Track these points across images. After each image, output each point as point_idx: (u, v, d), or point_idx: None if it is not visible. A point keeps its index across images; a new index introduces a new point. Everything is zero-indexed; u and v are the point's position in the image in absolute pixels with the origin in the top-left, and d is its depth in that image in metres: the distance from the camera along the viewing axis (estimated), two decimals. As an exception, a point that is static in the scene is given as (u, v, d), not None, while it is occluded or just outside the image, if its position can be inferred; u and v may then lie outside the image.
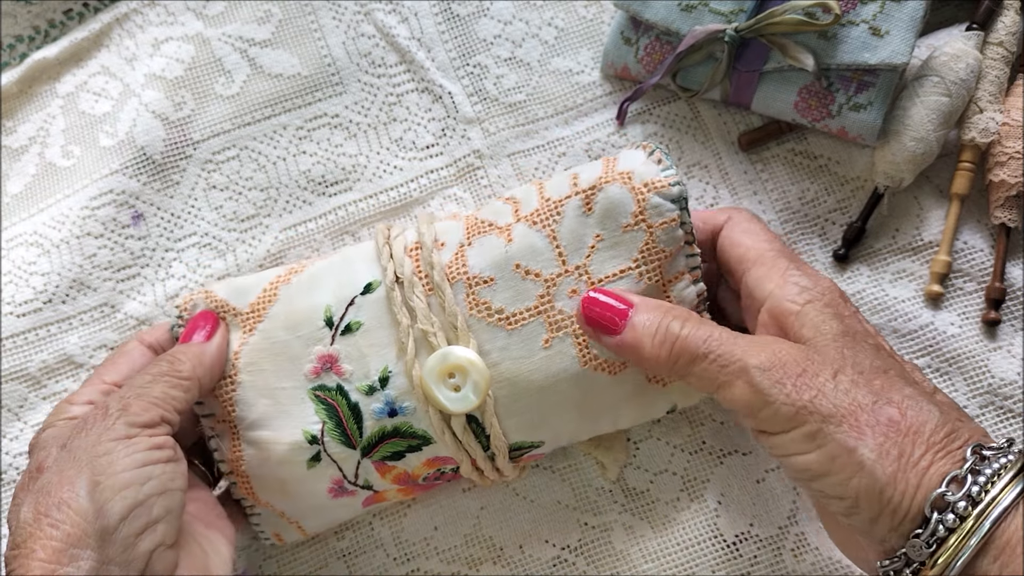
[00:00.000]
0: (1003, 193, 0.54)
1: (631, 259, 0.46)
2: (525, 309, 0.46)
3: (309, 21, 0.61)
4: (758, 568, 0.51)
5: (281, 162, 0.60)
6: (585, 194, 0.46)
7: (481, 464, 0.47)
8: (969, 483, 0.37)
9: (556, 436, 0.48)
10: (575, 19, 0.61)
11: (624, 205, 0.45)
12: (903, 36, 0.52)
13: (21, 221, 0.60)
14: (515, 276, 0.46)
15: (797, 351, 0.41)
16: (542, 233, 0.46)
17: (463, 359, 0.45)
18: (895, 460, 0.37)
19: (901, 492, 0.37)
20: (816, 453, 0.39)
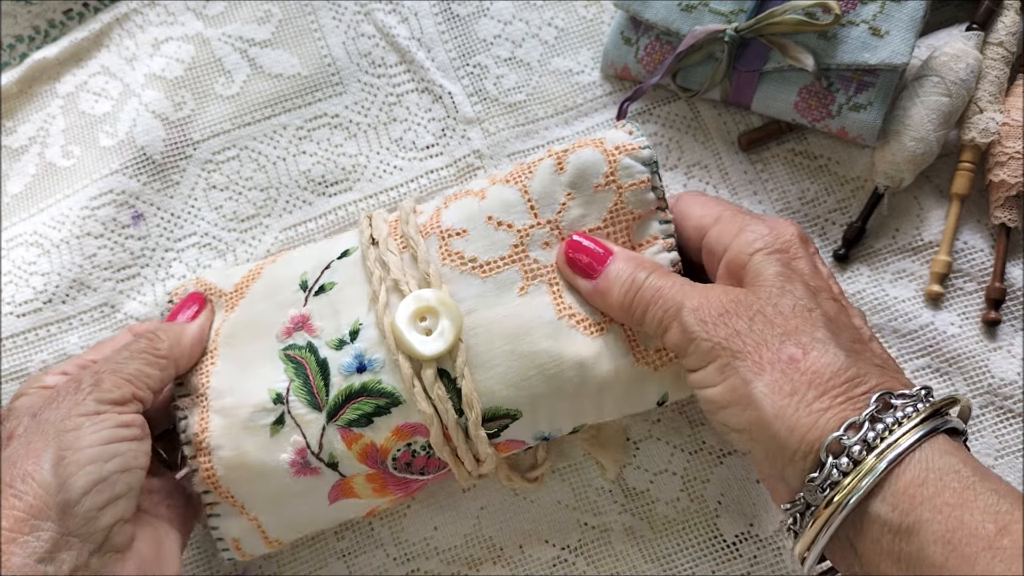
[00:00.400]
0: (1003, 193, 0.54)
1: (600, 219, 0.46)
2: (499, 258, 0.46)
3: (309, 21, 0.61)
4: (758, 568, 0.51)
5: (281, 162, 0.60)
6: (557, 156, 0.47)
7: (453, 434, 0.44)
8: (866, 429, 0.37)
9: (533, 407, 0.45)
10: (575, 19, 0.61)
11: (595, 166, 0.46)
12: (903, 36, 0.52)
13: (21, 221, 0.60)
14: (488, 227, 0.46)
15: (725, 294, 0.42)
16: (514, 188, 0.47)
17: (435, 299, 0.44)
18: (786, 396, 0.38)
19: (789, 428, 0.38)
20: (721, 385, 0.40)
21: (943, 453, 0.36)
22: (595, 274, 0.45)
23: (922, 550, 0.35)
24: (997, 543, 0.33)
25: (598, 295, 0.45)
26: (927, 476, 0.36)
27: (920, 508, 0.35)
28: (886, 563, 0.36)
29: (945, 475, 0.36)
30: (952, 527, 0.34)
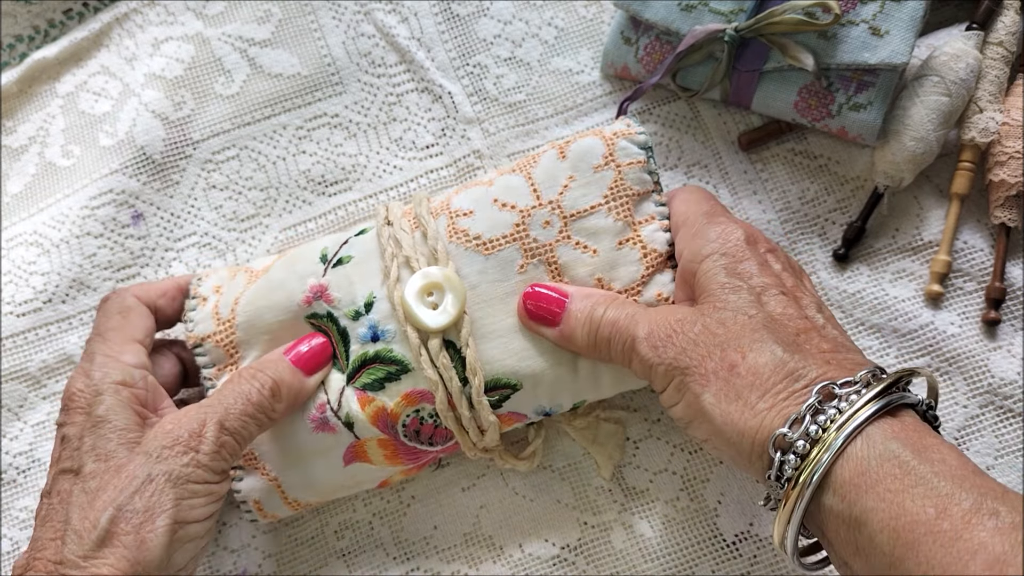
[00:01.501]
0: (1003, 193, 0.54)
1: (601, 195, 0.48)
2: (501, 236, 0.48)
3: (309, 21, 0.61)
4: (758, 568, 0.51)
5: (281, 162, 0.60)
6: (560, 146, 0.50)
7: (457, 401, 0.47)
8: (806, 423, 0.37)
9: (534, 380, 0.47)
10: (575, 19, 0.61)
11: (595, 149, 0.49)
12: (903, 36, 0.52)
13: (21, 221, 0.60)
14: (492, 208, 0.49)
15: (671, 313, 0.43)
16: (519, 175, 0.50)
17: (440, 275, 0.47)
18: (731, 402, 0.39)
19: (739, 433, 0.39)
20: (680, 404, 0.42)
21: (886, 438, 0.36)
22: (557, 319, 0.46)
23: (872, 540, 0.35)
24: (937, 527, 0.33)
25: (565, 340, 0.46)
26: (868, 464, 0.36)
27: (865, 497, 0.35)
28: (849, 555, 0.36)
29: (886, 461, 0.35)
30: (895, 514, 0.34)
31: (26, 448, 0.56)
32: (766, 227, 0.56)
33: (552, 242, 0.48)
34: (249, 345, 0.50)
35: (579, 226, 0.48)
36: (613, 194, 0.48)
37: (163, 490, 0.41)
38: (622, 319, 0.44)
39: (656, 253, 0.48)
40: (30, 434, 0.56)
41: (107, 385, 0.45)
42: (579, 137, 0.50)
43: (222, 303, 0.50)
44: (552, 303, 0.46)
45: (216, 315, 0.50)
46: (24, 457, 0.56)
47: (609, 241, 0.48)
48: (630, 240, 0.48)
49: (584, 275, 0.48)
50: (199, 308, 0.51)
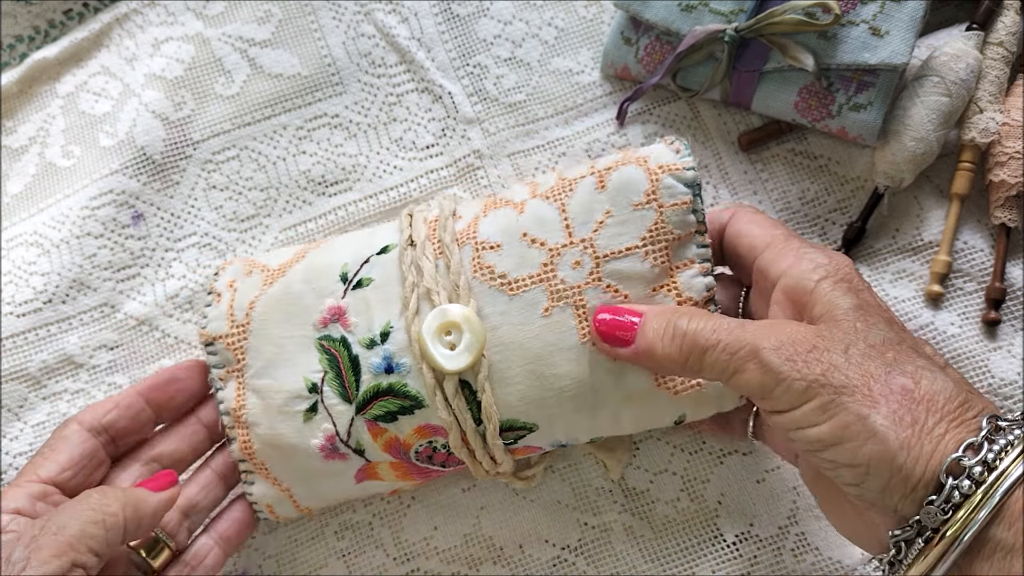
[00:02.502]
0: (1003, 193, 0.54)
1: (639, 237, 0.45)
2: (528, 276, 0.46)
3: (309, 21, 0.61)
4: (758, 568, 0.51)
5: (281, 162, 0.60)
6: (600, 174, 0.47)
7: (471, 439, 0.46)
8: (985, 450, 0.37)
9: (550, 422, 0.46)
10: (575, 19, 0.61)
11: (637, 183, 0.45)
12: (903, 36, 0.52)
13: (21, 221, 0.60)
14: (522, 244, 0.46)
15: (806, 329, 0.41)
16: (553, 206, 0.47)
17: (460, 316, 0.45)
18: (908, 426, 0.38)
19: (915, 458, 0.37)
20: (828, 424, 0.39)
21: None
22: (630, 338, 0.44)
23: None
24: None
25: (644, 355, 0.44)
26: None
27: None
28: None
29: None
30: None
31: (26, 448, 0.56)
32: (766, 227, 0.57)
33: (581, 284, 0.45)
34: (257, 353, 0.49)
35: (611, 268, 0.45)
36: (652, 237, 0.45)
37: None
38: (724, 327, 0.42)
39: (692, 301, 0.46)
40: (30, 434, 0.56)
41: None
42: (622, 164, 0.46)
43: (237, 303, 0.50)
44: (625, 322, 0.44)
45: (231, 316, 0.49)
46: (24, 457, 0.56)
47: (642, 287, 0.45)
48: (665, 287, 0.46)
49: None
50: (214, 304, 0.50)
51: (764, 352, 0.40)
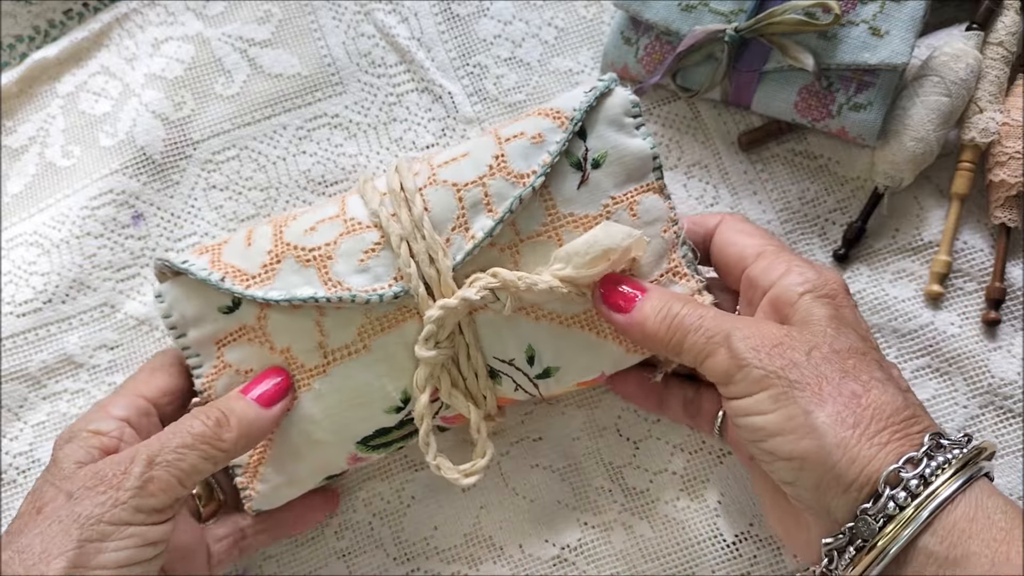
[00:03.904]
0: (1003, 193, 0.54)
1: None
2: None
3: (309, 21, 0.61)
4: (758, 568, 0.51)
5: (281, 162, 0.60)
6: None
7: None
8: (923, 465, 0.38)
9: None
10: (575, 19, 0.61)
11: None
12: (903, 36, 0.52)
13: (21, 221, 0.60)
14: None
15: (779, 328, 0.43)
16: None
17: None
18: (850, 428, 0.39)
19: (850, 459, 0.39)
20: (775, 413, 0.40)
21: (989, 494, 0.38)
22: (628, 308, 0.46)
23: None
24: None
25: (634, 326, 0.45)
26: (976, 513, 0.37)
27: (969, 542, 0.37)
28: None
29: (993, 513, 0.37)
30: (999, 560, 0.36)
31: (26, 448, 0.56)
32: (766, 227, 0.56)
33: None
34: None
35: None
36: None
37: (67, 531, 0.38)
38: (709, 316, 0.44)
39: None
40: (30, 434, 0.56)
41: (78, 431, 0.44)
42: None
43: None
44: (628, 294, 0.46)
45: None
46: (24, 457, 0.56)
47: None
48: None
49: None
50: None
51: (734, 339, 0.42)
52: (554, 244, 0.47)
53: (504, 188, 0.46)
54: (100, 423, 0.44)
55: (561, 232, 0.47)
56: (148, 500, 0.40)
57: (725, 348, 0.42)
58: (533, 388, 0.48)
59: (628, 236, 0.45)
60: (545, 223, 0.47)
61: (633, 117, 0.48)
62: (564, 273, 0.45)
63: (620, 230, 0.45)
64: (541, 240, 0.47)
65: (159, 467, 0.41)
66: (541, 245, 0.47)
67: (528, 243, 0.47)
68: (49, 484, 0.41)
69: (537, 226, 0.47)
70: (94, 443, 0.43)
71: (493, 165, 0.46)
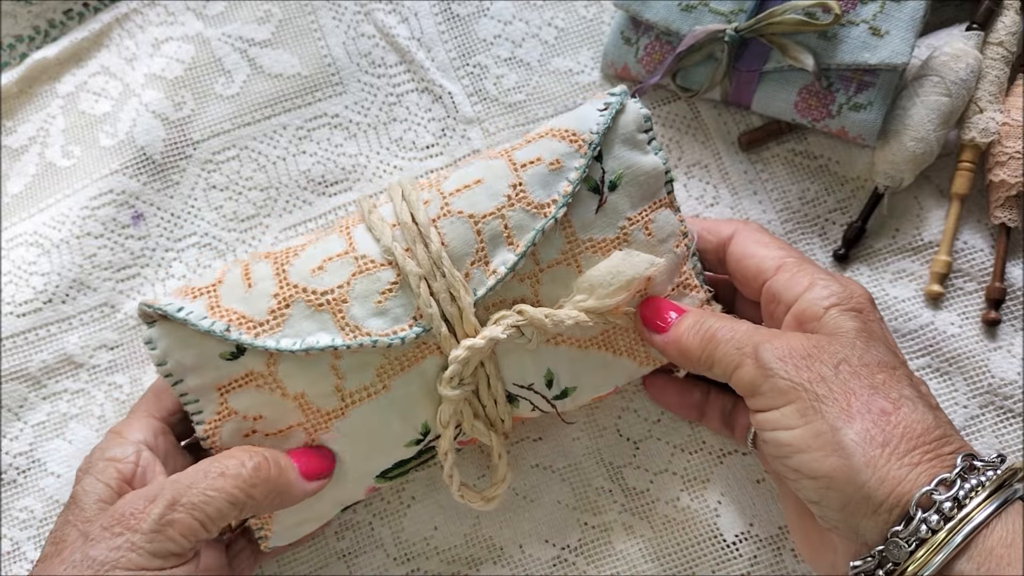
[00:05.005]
0: (1003, 193, 0.54)
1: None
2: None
3: (309, 21, 0.61)
4: (758, 568, 0.51)
5: (281, 162, 0.60)
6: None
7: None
8: (956, 487, 0.37)
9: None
10: (575, 19, 0.61)
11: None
12: (903, 36, 0.52)
13: (21, 221, 0.60)
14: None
15: (808, 340, 0.42)
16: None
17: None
18: (879, 447, 0.38)
19: (879, 479, 0.37)
20: (802, 429, 0.39)
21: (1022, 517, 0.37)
22: (666, 328, 0.46)
23: None
24: None
25: (670, 344, 0.45)
26: (1014, 538, 0.36)
27: (1007, 568, 0.36)
28: None
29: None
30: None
31: (26, 448, 0.56)
32: (766, 227, 0.56)
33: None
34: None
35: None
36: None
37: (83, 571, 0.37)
38: (741, 329, 0.43)
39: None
40: (30, 434, 0.56)
41: (95, 461, 0.43)
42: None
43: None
44: (666, 315, 0.46)
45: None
46: (24, 457, 0.56)
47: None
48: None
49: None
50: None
51: (762, 350, 0.41)
52: (573, 271, 0.46)
53: (525, 220, 0.45)
54: (115, 450, 0.43)
55: (580, 258, 0.46)
56: (166, 545, 0.39)
57: (752, 359, 0.41)
58: (550, 408, 0.48)
59: (650, 264, 0.45)
60: (564, 251, 0.46)
61: (645, 132, 0.47)
62: (587, 304, 0.45)
63: (642, 259, 0.45)
64: (561, 268, 0.46)
65: (182, 509, 0.39)
66: (561, 273, 0.46)
67: (548, 271, 0.46)
68: (69, 524, 0.40)
69: (557, 254, 0.46)
70: (112, 473, 0.42)
71: (511, 195, 0.45)
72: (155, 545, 0.38)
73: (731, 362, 0.42)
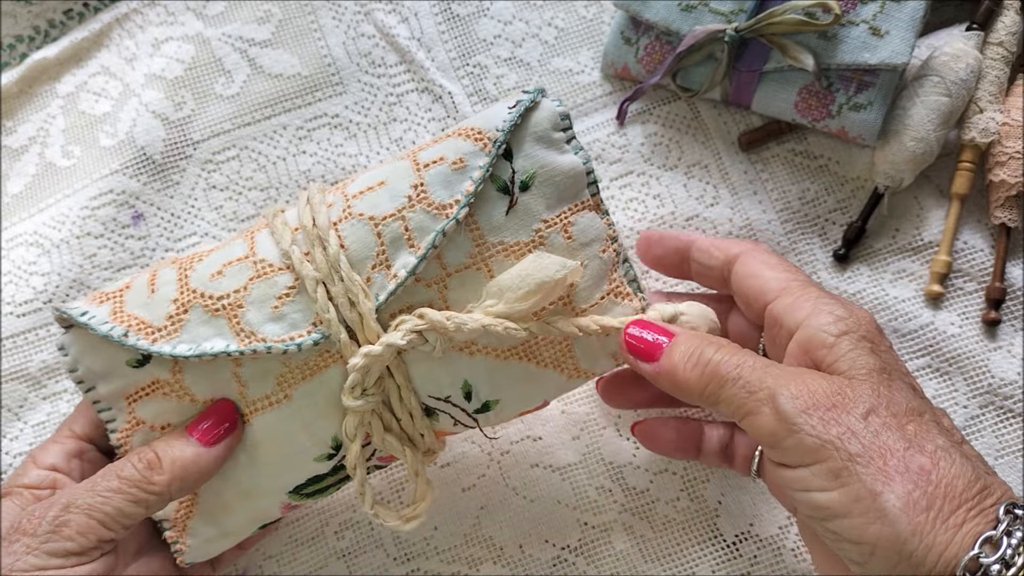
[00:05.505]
0: (1003, 193, 0.54)
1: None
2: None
3: (309, 21, 0.61)
4: (758, 568, 0.51)
5: (281, 162, 0.60)
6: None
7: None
8: (1004, 545, 0.35)
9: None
10: (575, 19, 0.61)
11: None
12: (903, 36, 0.52)
13: (21, 221, 0.60)
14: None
15: (828, 384, 0.39)
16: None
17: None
18: (923, 511, 0.36)
19: (927, 547, 0.36)
20: (838, 492, 0.37)
21: None
22: (656, 355, 0.43)
23: None
24: None
25: (663, 375, 0.43)
26: None
27: None
28: None
29: None
30: None
31: (26, 448, 0.56)
32: (766, 227, 0.56)
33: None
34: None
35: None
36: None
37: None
38: (748, 364, 0.40)
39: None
40: (30, 434, 0.56)
41: (11, 487, 0.43)
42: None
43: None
44: (654, 342, 0.43)
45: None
46: (24, 457, 0.56)
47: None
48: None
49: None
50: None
51: (781, 398, 0.38)
52: (484, 275, 0.43)
53: (426, 221, 0.43)
54: (28, 476, 0.44)
55: (491, 262, 0.43)
56: (62, 544, 0.39)
57: (770, 408, 0.39)
58: (472, 422, 0.46)
59: (562, 267, 0.42)
60: (473, 254, 0.43)
61: (563, 131, 0.45)
62: (497, 309, 0.42)
63: (553, 261, 0.42)
64: (470, 272, 0.43)
65: (76, 510, 0.40)
66: (470, 277, 0.43)
67: (456, 276, 0.43)
68: None
69: (464, 258, 0.43)
70: (28, 496, 0.43)
71: (412, 196, 0.43)
72: (51, 545, 0.39)
73: (742, 406, 0.40)
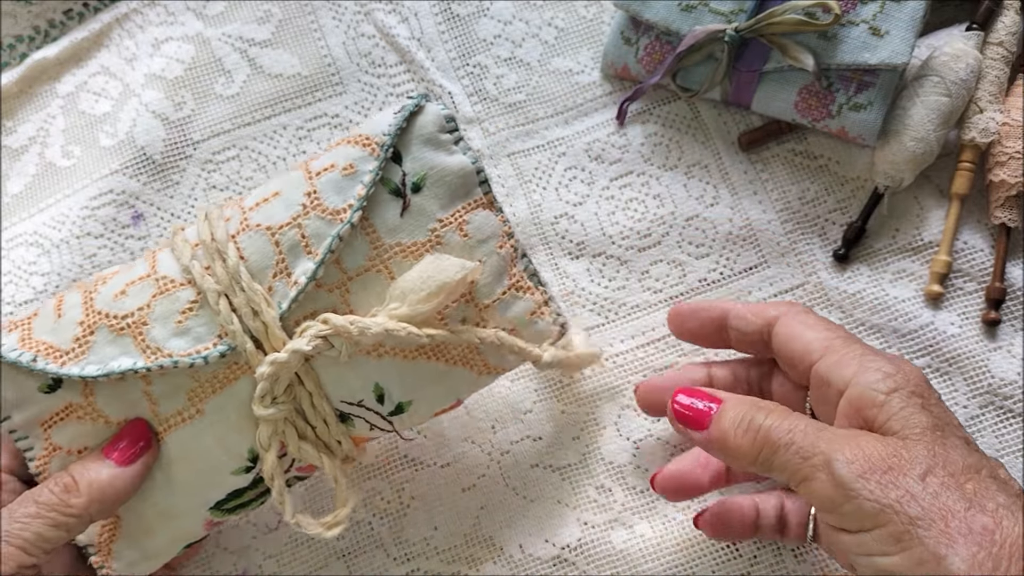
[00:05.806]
0: (1003, 193, 0.54)
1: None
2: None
3: (309, 21, 0.61)
4: (758, 568, 0.51)
5: (281, 162, 0.60)
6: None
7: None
8: None
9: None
10: (575, 19, 0.61)
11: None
12: (903, 36, 0.52)
13: (21, 221, 0.60)
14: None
15: (884, 446, 0.39)
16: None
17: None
18: (989, 572, 0.36)
19: None
20: (900, 556, 0.37)
21: None
22: (706, 423, 0.43)
23: None
24: None
25: (714, 443, 0.42)
26: None
27: None
28: None
29: None
30: None
31: (26, 448, 0.56)
32: (766, 227, 0.56)
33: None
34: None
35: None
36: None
37: None
38: (800, 428, 0.40)
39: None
40: (30, 434, 0.56)
41: None
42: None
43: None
44: (703, 409, 0.43)
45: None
46: (24, 457, 0.56)
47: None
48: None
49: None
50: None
51: (837, 464, 0.38)
52: (385, 277, 0.44)
53: (321, 227, 0.44)
54: None
55: (390, 264, 0.44)
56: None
57: (826, 474, 0.38)
58: (388, 425, 0.46)
59: (461, 268, 0.43)
60: (371, 256, 0.44)
61: (449, 133, 0.46)
62: (401, 312, 0.43)
63: (452, 263, 0.43)
64: (371, 275, 0.44)
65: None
66: (371, 280, 0.44)
67: (357, 280, 0.44)
68: None
69: (364, 261, 0.44)
70: None
71: (306, 204, 0.44)
72: None
73: (796, 472, 0.39)
